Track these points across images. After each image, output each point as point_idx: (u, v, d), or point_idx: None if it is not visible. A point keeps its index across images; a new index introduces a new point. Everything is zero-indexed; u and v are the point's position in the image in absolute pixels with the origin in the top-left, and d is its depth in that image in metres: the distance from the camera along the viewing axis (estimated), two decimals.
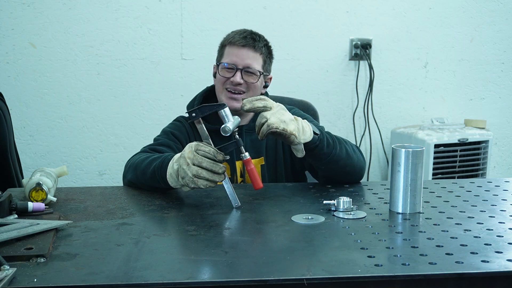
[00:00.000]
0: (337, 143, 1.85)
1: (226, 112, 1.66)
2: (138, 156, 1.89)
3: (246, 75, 2.03)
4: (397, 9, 3.59)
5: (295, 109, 2.18)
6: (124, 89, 3.36)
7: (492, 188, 1.86)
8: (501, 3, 3.71)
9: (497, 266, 1.19)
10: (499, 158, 3.88)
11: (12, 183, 2.22)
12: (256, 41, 2.05)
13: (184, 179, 1.61)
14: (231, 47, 2.05)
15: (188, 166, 1.59)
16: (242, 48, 2.03)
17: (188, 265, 1.20)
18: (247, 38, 2.04)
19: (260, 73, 2.05)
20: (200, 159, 1.58)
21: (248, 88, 2.04)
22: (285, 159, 2.09)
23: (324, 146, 1.80)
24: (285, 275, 1.14)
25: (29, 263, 1.20)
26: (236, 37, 2.05)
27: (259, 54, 2.05)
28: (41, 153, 3.33)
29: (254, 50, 2.04)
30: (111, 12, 3.29)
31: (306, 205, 1.66)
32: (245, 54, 2.03)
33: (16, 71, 3.24)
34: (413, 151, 1.55)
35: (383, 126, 3.67)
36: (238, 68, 2.02)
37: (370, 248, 1.29)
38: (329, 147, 1.81)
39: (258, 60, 2.05)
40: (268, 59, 2.10)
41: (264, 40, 2.10)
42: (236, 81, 2.01)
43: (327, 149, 1.81)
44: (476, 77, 3.76)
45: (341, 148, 1.85)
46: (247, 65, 2.03)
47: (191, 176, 1.59)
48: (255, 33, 2.08)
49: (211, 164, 1.59)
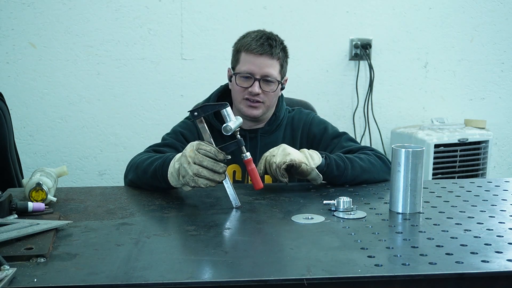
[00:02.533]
0: (349, 163, 1.85)
1: (228, 112, 1.65)
2: (140, 156, 1.89)
3: (264, 84, 2.02)
4: (397, 9, 3.59)
5: (313, 113, 2.19)
6: (124, 89, 3.36)
7: (492, 188, 1.86)
8: (501, 3, 3.71)
9: (497, 266, 1.19)
10: (499, 158, 3.88)
11: (12, 183, 2.22)
12: (273, 47, 2.01)
13: (185, 177, 1.61)
14: (248, 54, 2.01)
15: (189, 165, 1.59)
16: (259, 57, 2.00)
17: (188, 265, 1.20)
18: (264, 45, 2.00)
19: (278, 82, 2.04)
20: (201, 158, 1.58)
21: (266, 97, 2.03)
22: None
23: (334, 169, 1.81)
24: (285, 275, 1.14)
25: (29, 263, 1.20)
26: (253, 45, 2.00)
27: (276, 60, 2.03)
28: (41, 153, 3.33)
29: (271, 57, 2.01)
30: (111, 12, 3.28)
31: (306, 205, 1.66)
32: (262, 62, 2.00)
33: (16, 71, 3.24)
34: (413, 151, 1.55)
35: (383, 126, 3.67)
36: (256, 78, 2.00)
37: (370, 248, 1.29)
38: (339, 169, 1.82)
39: (275, 67, 2.03)
40: (284, 62, 2.09)
41: (281, 43, 2.07)
42: (254, 92, 2.00)
43: (338, 171, 1.82)
44: (476, 77, 3.76)
45: (353, 167, 1.85)
46: (265, 73, 2.01)
47: (192, 175, 1.59)
48: (271, 38, 2.04)
49: (212, 163, 1.59)
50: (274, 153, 1.75)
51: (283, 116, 2.13)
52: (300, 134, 2.11)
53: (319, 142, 2.08)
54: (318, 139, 2.09)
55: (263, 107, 2.04)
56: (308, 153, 1.78)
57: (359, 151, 1.98)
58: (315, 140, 2.09)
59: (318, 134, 2.09)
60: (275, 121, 2.11)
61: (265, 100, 2.03)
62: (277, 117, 2.11)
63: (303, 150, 1.80)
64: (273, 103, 2.08)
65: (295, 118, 2.14)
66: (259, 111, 2.04)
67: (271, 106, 2.08)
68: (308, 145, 2.09)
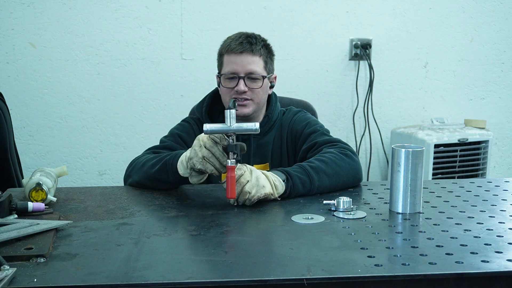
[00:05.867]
0: (314, 175, 1.75)
1: (232, 115, 1.62)
2: (145, 157, 1.90)
3: (250, 81, 2.02)
4: (397, 9, 3.59)
5: (302, 111, 2.18)
6: (124, 89, 3.36)
7: (492, 188, 1.86)
8: (501, 3, 3.71)
9: (497, 266, 1.19)
10: (499, 158, 3.88)
11: (12, 183, 2.22)
12: (253, 44, 2.02)
13: (192, 159, 1.65)
14: (229, 55, 2.03)
15: (201, 148, 1.64)
16: (240, 55, 2.01)
17: (188, 265, 1.20)
18: (243, 43, 2.02)
19: (263, 77, 2.04)
20: (212, 145, 1.62)
21: (254, 94, 2.03)
22: (289, 165, 2.08)
23: (300, 188, 1.73)
24: (285, 275, 1.14)
25: (29, 263, 1.20)
26: (233, 44, 2.02)
27: (258, 56, 2.03)
28: (41, 153, 3.33)
29: (252, 54, 2.02)
30: (111, 12, 3.29)
31: (306, 205, 1.66)
32: (244, 60, 2.01)
33: (16, 71, 3.24)
34: (413, 151, 1.55)
35: (383, 126, 3.67)
36: (240, 76, 2.01)
37: (370, 248, 1.29)
38: (305, 186, 1.74)
39: (258, 63, 2.03)
40: (269, 58, 2.09)
41: (262, 40, 2.07)
42: (240, 90, 2.00)
43: (303, 189, 1.74)
44: (476, 77, 3.76)
45: (320, 178, 1.76)
46: (248, 71, 2.01)
47: (201, 157, 1.63)
48: (250, 36, 2.05)
49: (221, 154, 1.62)
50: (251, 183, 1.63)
51: (276, 118, 2.12)
52: (286, 134, 2.11)
53: (299, 138, 2.06)
54: (298, 135, 2.07)
55: (253, 105, 2.04)
56: (273, 182, 1.68)
57: (324, 146, 1.92)
58: (297, 137, 2.08)
59: (299, 130, 2.08)
60: (267, 122, 2.10)
61: (253, 97, 2.03)
62: (270, 118, 2.11)
63: (267, 175, 1.67)
64: (262, 100, 2.07)
65: (284, 118, 2.14)
66: (249, 109, 2.04)
67: (261, 103, 2.07)
68: (292, 143, 2.09)
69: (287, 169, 1.76)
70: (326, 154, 1.85)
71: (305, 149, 1.99)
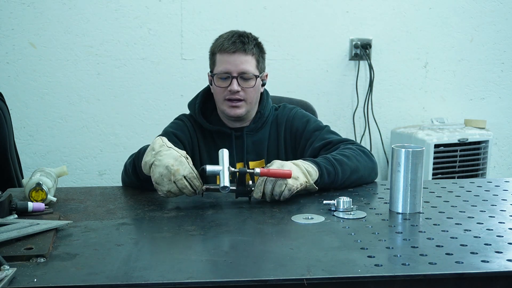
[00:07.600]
0: (338, 166, 1.81)
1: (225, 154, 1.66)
2: (128, 161, 1.91)
3: (242, 81, 2.02)
4: (397, 9, 3.59)
5: (297, 107, 2.18)
6: (124, 89, 3.36)
7: (492, 188, 1.86)
8: (501, 3, 3.71)
9: (497, 266, 1.19)
10: (499, 158, 3.88)
11: (12, 183, 2.22)
12: (245, 43, 2.02)
13: (157, 186, 1.63)
14: (222, 54, 2.03)
15: (169, 182, 1.61)
16: (233, 55, 2.01)
17: (188, 265, 1.20)
18: (236, 43, 2.01)
19: (256, 76, 2.04)
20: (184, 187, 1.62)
21: (247, 94, 2.03)
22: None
23: (326, 178, 1.78)
24: (285, 275, 1.14)
25: (29, 263, 1.20)
26: (226, 44, 2.02)
27: (251, 56, 2.03)
28: (41, 153, 3.33)
29: (245, 53, 2.02)
30: (111, 12, 3.28)
31: (306, 205, 1.66)
32: (237, 59, 2.01)
33: (16, 71, 3.24)
34: (413, 151, 1.55)
35: (383, 126, 3.67)
36: (234, 76, 2.01)
37: (370, 248, 1.29)
38: (330, 176, 1.78)
39: (251, 62, 2.03)
40: (260, 57, 2.08)
41: (253, 39, 2.07)
42: (234, 90, 2.00)
43: (329, 178, 1.78)
44: (476, 77, 3.76)
45: (344, 170, 1.82)
46: (241, 70, 2.01)
47: (165, 191, 1.62)
48: (243, 35, 2.05)
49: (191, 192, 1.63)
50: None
51: (268, 114, 2.13)
52: (284, 130, 2.11)
53: (301, 135, 2.07)
54: (300, 132, 2.08)
55: (245, 105, 2.04)
56: (305, 169, 1.72)
57: (340, 144, 1.96)
58: (298, 134, 2.08)
59: (300, 127, 2.09)
60: (260, 118, 2.11)
61: (246, 97, 2.03)
62: (262, 115, 2.11)
63: (298, 164, 1.72)
64: (255, 99, 2.07)
65: (279, 114, 2.14)
66: (242, 110, 2.04)
67: (253, 102, 2.07)
68: (292, 140, 2.10)
69: (313, 159, 1.81)
70: (347, 150, 1.91)
71: (317, 147, 2.00)
